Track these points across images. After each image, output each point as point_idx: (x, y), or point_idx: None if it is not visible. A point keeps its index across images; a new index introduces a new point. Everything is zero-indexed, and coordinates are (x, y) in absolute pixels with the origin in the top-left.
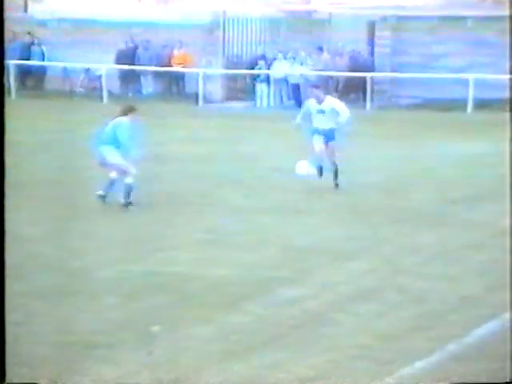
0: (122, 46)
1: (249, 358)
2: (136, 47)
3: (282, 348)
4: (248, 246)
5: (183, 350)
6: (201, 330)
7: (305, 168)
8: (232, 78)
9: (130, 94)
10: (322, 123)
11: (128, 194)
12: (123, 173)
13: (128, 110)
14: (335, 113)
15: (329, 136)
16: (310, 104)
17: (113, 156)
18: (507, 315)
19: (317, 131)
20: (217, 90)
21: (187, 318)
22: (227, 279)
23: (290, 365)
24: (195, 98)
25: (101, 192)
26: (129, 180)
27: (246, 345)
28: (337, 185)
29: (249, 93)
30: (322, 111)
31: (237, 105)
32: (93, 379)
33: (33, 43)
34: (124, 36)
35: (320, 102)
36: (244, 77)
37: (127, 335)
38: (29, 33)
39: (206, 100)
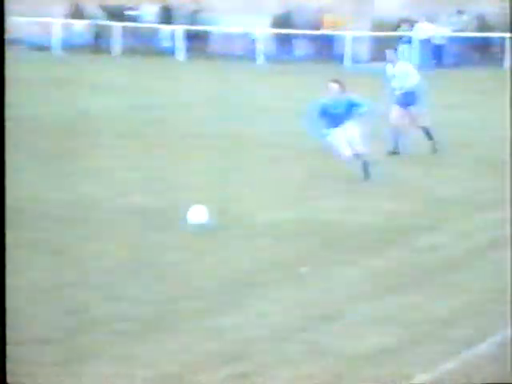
0: (278, 11)
1: (389, 299)
2: (291, 12)
3: (420, 290)
4: (389, 195)
5: (329, 289)
6: (346, 272)
7: (197, 215)
8: (377, 40)
9: (284, 56)
10: (395, 88)
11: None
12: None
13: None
14: (406, 76)
15: (406, 101)
16: (387, 68)
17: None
18: None
19: (394, 97)
20: (363, 51)
21: (333, 260)
22: (370, 226)
23: (426, 306)
24: (343, 59)
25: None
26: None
27: (386, 286)
28: (435, 149)
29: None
30: (393, 75)
31: (381, 65)
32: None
33: (198, 10)
34: (280, 1)
35: (394, 65)
36: (389, 39)
37: (279, 275)
38: (195, 0)
39: (354, 61)
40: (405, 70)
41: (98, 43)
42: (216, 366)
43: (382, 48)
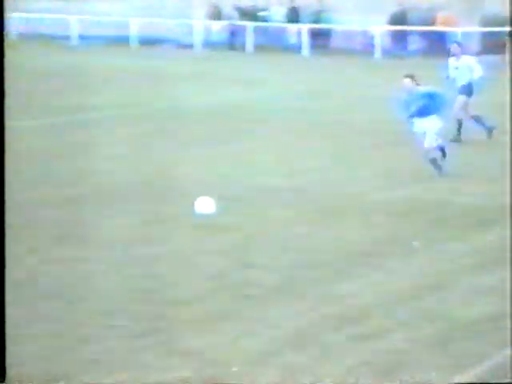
0: (395, 10)
1: (493, 271)
2: (406, 10)
3: None
4: (487, 177)
5: (438, 262)
6: (453, 247)
7: (203, 206)
8: (487, 35)
9: (399, 51)
10: (457, 80)
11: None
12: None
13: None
14: (469, 70)
15: (461, 91)
16: (450, 61)
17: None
18: None
19: (455, 88)
20: (473, 45)
21: (443, 236)
22: (474, 206)
23: None
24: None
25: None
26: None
27: (490, 260)
28: (457, 139)
29: (502, 47)
30: (456, 68)
31: (490, 58)
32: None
33: (321, 10)
34: (395, 0)
35: (457, 59)
36: (499, 33)
37: (392, 248)
38: (319, 1)
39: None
40: (469, 64)
41: (233, 41)
42: (336, 328)
43: (492, 43)
